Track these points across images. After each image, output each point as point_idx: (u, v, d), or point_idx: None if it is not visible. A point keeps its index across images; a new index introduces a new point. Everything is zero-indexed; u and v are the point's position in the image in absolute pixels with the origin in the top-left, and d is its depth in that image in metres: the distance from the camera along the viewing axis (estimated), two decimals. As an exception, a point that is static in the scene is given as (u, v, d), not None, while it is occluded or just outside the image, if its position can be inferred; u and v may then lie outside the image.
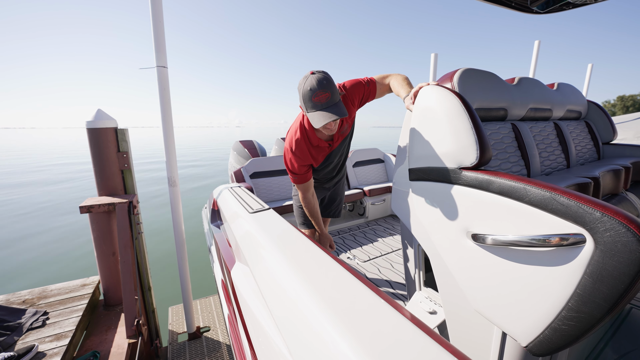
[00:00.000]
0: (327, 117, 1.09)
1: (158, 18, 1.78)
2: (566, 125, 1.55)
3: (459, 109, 0.83)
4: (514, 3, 1.94)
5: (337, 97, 1.13)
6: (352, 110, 1.34)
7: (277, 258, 0.80)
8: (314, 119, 1.12)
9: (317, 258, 0.76)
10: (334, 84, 1.13)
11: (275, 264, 0.78)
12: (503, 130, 1.20)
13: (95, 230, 1.87)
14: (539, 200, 0.64)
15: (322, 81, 1.10)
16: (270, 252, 0.84)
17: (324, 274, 0.68)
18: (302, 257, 0.77)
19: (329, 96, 1.10)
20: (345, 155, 1.57)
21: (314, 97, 1.10)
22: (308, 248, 0.81)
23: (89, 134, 1.89)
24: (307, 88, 1.11)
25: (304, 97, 1.13)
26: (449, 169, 0.86)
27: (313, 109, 1.12)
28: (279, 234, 0.92)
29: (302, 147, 1.34)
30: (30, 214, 7.39)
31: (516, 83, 1.30)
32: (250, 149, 3.15)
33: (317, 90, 1.09)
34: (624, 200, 1.29)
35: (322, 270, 0.70)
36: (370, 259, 2.16)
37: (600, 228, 0.55)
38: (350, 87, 1.30)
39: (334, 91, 1.12)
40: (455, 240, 0.85)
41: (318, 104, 1.10)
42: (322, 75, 1.12)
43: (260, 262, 0.86)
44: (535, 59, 3.97)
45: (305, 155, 1.35)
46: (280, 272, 0.75)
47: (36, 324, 1.56)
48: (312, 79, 1.11)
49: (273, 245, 0.86)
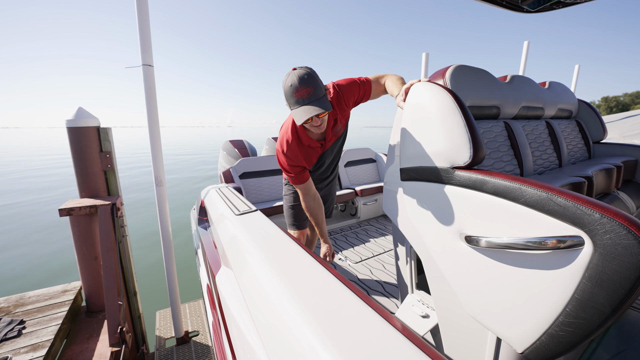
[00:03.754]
0: (308, 112, 1.05)
1: (143, 16, 1.73)
2: (558, 124, 1.55)
3: (451, 107, 0.80)
4: (504, 2, 1.93)
5: (320, 92, 1.09)
6: (346, 110, 1.30)
7: (261, 263, 0.76)
8: (296, 116, 1.08)
9: (302, 263, 0.72)
10: (316, 79, 1.09)
11: (259, 269, 0.75)
12: (496, 128, 1.18)
13: (76, 234, 1.79)
14: (535, 200, 0.61)
15: (303, 77, 1.06)
16: (255, 256, 0.80)
17: (309, 280, 0.65)
18: (287, 262, 0.74)
19: (311, 91, 1.07)
20: (338, 156, 1.54)
21: (295, 93, 1.07)
22: (294, 253, 0.78)
23: (70, 133, 1.81)
24: (288, 84, 1.08)
25: (286, 94, 1.10)
26: (441, 169, 0.83)
27: (295, 105, 1.09)
28: (264, 238, 0.88)
29: (293, 148, 1.29)
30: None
31: (509, 81, 1.28)
32: (240, 149, 3.09)
33: (297, 86, 1.06)
34: (616, 199, 1.28)
35: (307, 276, 0.66)
36: (362, 260, 2.13)
37: (599, 230, 0.53)
38: (344, 86, 1.26)
39: (316, 86, 1.08)
40: (448, 242, 0.82)
41: (300, 99, 1.07)
42: (303, 71, 1.09)
43: (245, 267, 0.82)
44: (524, 59, 4.00)
45: (296, 156, 1.30)
46: (264, 278, 0.71)
47: (11, 333, 1.48)
48: (293, 75, 1.08)
49: (258, 249, 0.82)
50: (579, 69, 5.09)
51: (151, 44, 1.81)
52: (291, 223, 1.60)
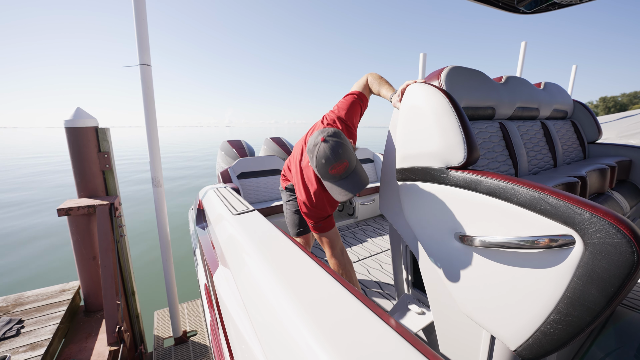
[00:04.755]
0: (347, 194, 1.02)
1: (141, 15, 1.73)
2: (553, 125, 1.56)
3: (446, 107, 0.81)
4: (501, 3, 1.95)
5: (354, 162, 1.05)
6: (353, 131, 1.33)
7: (258, 263, 0.76)
8: (333, 192, 1.05)
9: (300, 263, 0.73)
10: (347, 146, 1.04)
11: (257, 269, 0.75)
12: (491, 129, 1.19)
13: (74, 234, 1.79)
14: (527, 200, 0.62)
15: (336, 150, 1.00)
16: (252, 256, 0.81)
17: (306, 279, 0.66)
18: (285, 262, 0.74)
19: (347, 165, 1.02)
20: None
21: (331, 170, 1.02)
22: (291, 252, 0.78)
23: (68, 134, 1.81)
24: (320, 159, 1.02)
25: (318, 168, 1.05)
26: (436, 169, 0.84)
27: (331, 181, 1.05)
28: (261, 237, 0.89)
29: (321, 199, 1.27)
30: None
31: (504, 82, 1.29)
32: (238, 149, 3.09)
33: (333, 163, 1.00)
34: (610, 199, 1.30)
35: (304, 276, 0.67)
36: (360, 260, 2.13)
37: (589, 229, 0.54)
38: (348, 113, 1.30)
39: (351, 157, 1.03)
40: (442, 241, 0.83)
41: (336, 175, 1.03)
42: (334, 142, 1.01)
43: (243, 266, 0.83)
44: (521, 59, 4.02)
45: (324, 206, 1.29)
46: (261, 278, 0.71)
47: (9, 333, 1.48)
48: (325, 148, 1.01)
49: (255, 249, 0.83)
50: (576, 69, 5.11)
51: (149, 43, 1.82)
52: (296, 230, 1.58)
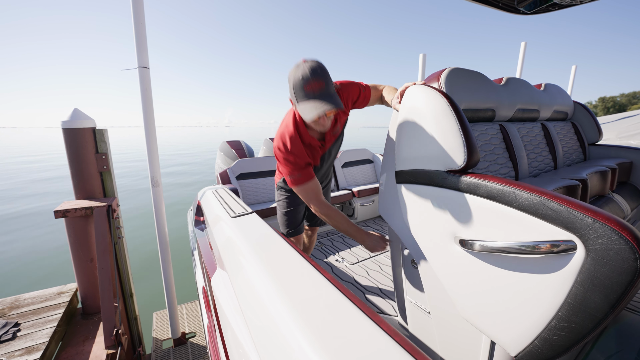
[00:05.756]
0: (320, 107, 0.97)
1: (139, 19, 1.73)
2: (553, 126, 1.55)
3: (446, 110, 0.80)
4: (501, 4, 1.94)
5: (332, 88, 1.03)
6: (346, 111, 1.27)
7: (255, 266, 0.76)
8: (306, 110, 1.00)
9: (296, 267, 0.72)
10: (328, 74, 1.02)
11: (253, 272, 0.75)
12: (491, 131, 1.18)
13: (71, 236, 1.78)
14: (528, 204, 0.61)
15: (315, 69, 0.99)
16: (249, 259, 0.81)
17: (301, 283, 0.65)
18: (281, 265, 0.74)
19: (323, 85, 0.99)
20: (334, 160, 1.53)
21: (306, 86, 0.99)
22: (288, 256, 0.78)
23: (65, 135, 1.80)
24: (298, 76, 1.00)
25: (294, 87, 1.02)
26: (436, 172, 0.83)
27: (305, 99, 1.01)
28: (258, 241, 0.88)
29: (298, 144, 1.18)
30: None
31: (504, 83, 1.28)
32: (237, 150, 3.08)
33: (309, 78, 0.98)
34: (611, 201, 1.29)
35: (300, 280, 0.67)
36: (359, 262, 2.12)
37: (591, 235, 0.53)
38: (346, 86, 1.21)
39: (329, 81, 1.02)
40: (442, 245, 0.82)
41: (311, 93, 0.99)
42: (315, 64, 1.01)
43: (240, 270, 0.82)
44: (521, 60, 4.02)
45: (301, 151, 1.20)
46: (257, 281, 0.71)
47: (5, 336, 1.47)
48: (304, 66, 1.00)
49: (252, 252, 0.83)
50: (575, 69, 5.11)
51: (147, 46, 1.82)
52: (286, 230, 1.59)
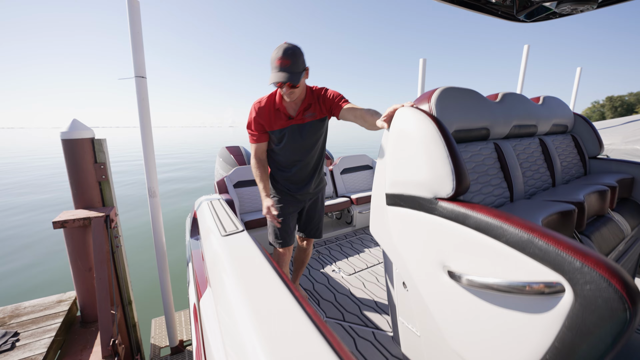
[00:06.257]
0: (277, 77, 1.25)
1: (136, 29, 1.74)
2: (552, 141, 1.52)
3: (434, 135, 0.79)
4: (500, 12, 1.91)
5: (296, 68, 1.27)
6: (322, 108, 1.46)
7: (234, 288, 0.77)
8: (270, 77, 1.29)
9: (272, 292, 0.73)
10: (297, 56, 1.26)
11: (233, 294, 0.76)
12: (485, 151, 1.16)
13: (70, 246, 1.80)
14: (516, 241, 0.60)
15: (287, 50, 1.26)
16: (232, 282, 0.82)
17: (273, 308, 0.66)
18: (258, 288, 0.75)
19: (288, 63, 1.25)
20: (315, 149, 1.55)
21: (276, 61, 1.26)
22: (267, 280, 0.78)
23: (64, 145, 1.82)
24: (274, 52, 1.28)
25: (271, 59, 1.29)
26: (425, 199, 0.82)
27: (273, 70, 1.28)
28: (243, 262, 0.89)
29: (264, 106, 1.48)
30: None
31: (499, 100, 1.26)
32: (236, 156, 3.07)
33: (280, 56, 1.25)
34: (610, 221, 1.26)
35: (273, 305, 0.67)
36: (356, 272, 2.12)
37: (579, 280, 0.52)
38: (329, 92, 1.45)
39: (295, 62, 1.26)
40: (431, 272, 0.82)
41: (277, 66, 1.26)
42: (289, 46, 1.27)
43: (223, 293, 0.83)
44: (524, 63, 3.96)
45: (264, 113, 1.48)
46: (235, 303, 0.72)
47: (4, 346, 1.49)
48: (280, 47, 1.28)
49: (234, 274, 0.84)
50: (580, 71, 5.03)
51: (144, 56, 1.82)
52: (275, 240, 1.60)
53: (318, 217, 1.72)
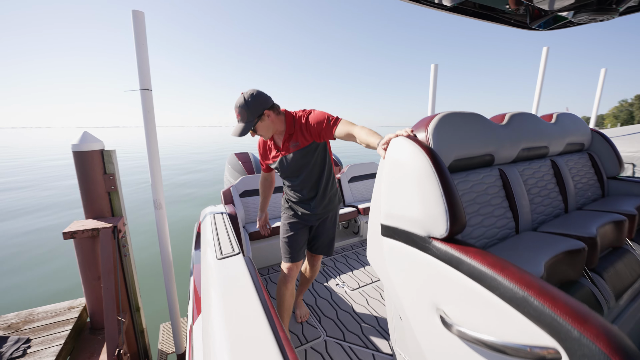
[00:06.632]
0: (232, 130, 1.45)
1: (141, 41, 1.76)
2: (565, 161, 1.43)
3: (428, 171, 0.75)
4: (512, 20, 1.83)
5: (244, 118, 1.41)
6: (305, 135, 1.48)
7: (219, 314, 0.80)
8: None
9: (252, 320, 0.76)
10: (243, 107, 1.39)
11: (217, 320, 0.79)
12: (488, 178, 1.10)
13: (79, 255, 1.85)
14: (510, 297, 0.56)
15: (236, 104, 1.43)
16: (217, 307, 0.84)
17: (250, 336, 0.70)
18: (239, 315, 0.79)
19: (237, 117, 1.43)
20: (315, 170, 1.54)
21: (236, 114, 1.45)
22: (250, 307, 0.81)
23: (75, 157, 1.87)
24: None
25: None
26: (419, 236, 0.78)
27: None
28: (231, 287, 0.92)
29: (261, 142, 1.66)
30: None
31: (506, 122, 1.19)
32: (244, 162, 3.08)
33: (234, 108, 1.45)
34: (627, 254, 1.16)
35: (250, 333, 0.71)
36: (360, 287, 2.08)
37: (577, 351, 0.47)
38: (313, 117, 1.45)
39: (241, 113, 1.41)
40: (424, 312, 0.78)
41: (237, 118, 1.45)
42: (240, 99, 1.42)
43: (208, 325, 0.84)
44: (543, 66, 3.80)
45: (261, 145, 1.66)
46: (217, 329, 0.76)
47: (17, 353, 1.55)
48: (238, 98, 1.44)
49: (221, 299, 0.87)
50: (605, 73, 4.78)
51: (149, 69, 1.85)
52: (284, 254, 1.59)
53: (326, 236, 1.69)
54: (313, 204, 1.56)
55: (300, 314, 1.84)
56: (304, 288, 1.87)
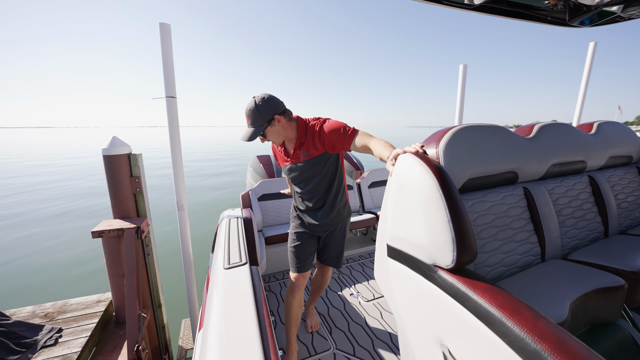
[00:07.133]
0: (242, 134, 1.41)
1: (167, 52, 1.83)
2: (607, 177, 1.26)
3: (434, 194, 0.69)
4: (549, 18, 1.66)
5: (255, 123, 1.37)
6: (317, 144, 1.43)
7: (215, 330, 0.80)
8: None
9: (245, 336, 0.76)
10: (255, 111, 1.36)
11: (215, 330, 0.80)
12: (510, 198, 0.99)
13: (107, 253, 1.97)
14: (520, 348, 0.49)
15: (246, 108, 1.39)
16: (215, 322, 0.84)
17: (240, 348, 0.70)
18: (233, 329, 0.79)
19: (248, 121, 1.40)
20: (321, 186, 1.51)
21: (246, 119, 1.41)
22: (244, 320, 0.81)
23: (105, 161, 1.99)
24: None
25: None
26: (424, 263, 0.72)
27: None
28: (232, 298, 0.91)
29: (273, 147, 1.67)
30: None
31: (534, 134, 1.07)
32: (266, 166, 3.11)
33: (245, 113, 1.41)
34: None
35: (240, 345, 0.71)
36: (375, 299, 2.01)
37: None
38: (326, 126, 1.40)
39: (252, 117, 1.37)
40: (428, 344, 0.72)
41: (247, 122, 1.41)
42: (251, 103, 1.38)
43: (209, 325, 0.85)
44: (589, 62, 3.44)
45: (275, 150, 1.67)
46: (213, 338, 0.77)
47: (49, 341, 1.68)
48: (249, 102, 1.40)
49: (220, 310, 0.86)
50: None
51: (174, 77, 1.92)
52: (291, 265, 1.57)
53: (335, 248, 1.65)
54: (320, 214, 1.52)
55: (311, 324, 1.82)
56: (315, 297, 1.84)
